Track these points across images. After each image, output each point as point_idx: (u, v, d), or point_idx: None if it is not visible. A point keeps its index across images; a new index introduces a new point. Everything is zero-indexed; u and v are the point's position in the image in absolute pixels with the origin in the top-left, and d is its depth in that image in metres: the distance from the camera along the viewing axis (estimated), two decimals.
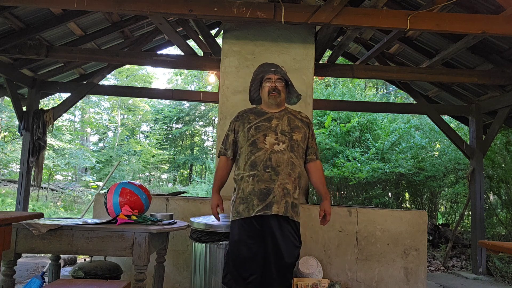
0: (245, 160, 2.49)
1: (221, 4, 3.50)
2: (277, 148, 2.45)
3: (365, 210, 3.83)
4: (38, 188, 11.33)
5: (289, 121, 2.55)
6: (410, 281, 3.69)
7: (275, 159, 2.43)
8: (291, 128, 2.53)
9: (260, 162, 2.43)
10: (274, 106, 2.59)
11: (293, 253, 2.41)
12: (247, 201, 2.45)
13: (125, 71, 18.84)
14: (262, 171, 2.42)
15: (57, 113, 5.96)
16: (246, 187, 2.47)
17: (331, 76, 6.28)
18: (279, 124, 2.52)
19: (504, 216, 6.76)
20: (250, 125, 2.54)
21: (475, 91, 5.95)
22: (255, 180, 2.43)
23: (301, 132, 2.55)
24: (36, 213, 2.00)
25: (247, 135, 2.52)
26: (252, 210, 2.42)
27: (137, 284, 2.36)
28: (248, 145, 2.49)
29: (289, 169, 2.44)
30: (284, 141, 2.47)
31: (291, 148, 2.48)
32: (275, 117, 2.55)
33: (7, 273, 2.35)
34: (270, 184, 2.41)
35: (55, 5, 3.96)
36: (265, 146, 2.45)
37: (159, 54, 5.52)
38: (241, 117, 2.63)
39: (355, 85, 11.69)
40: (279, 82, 2.56)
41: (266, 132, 2.49)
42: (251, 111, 2.64)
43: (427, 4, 3.76)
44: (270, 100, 2.56)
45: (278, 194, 2.41)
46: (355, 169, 7.54)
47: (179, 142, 22.25)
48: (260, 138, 2.48)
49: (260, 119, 2.55)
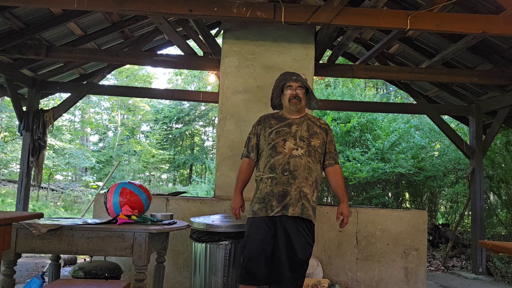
0: (265, 163, 2.62)
1: (221, 4, 3.50)
2: (296, 153, 2.56)
3: (365, 210, 3.83)
4: (38, 188, 11.33)
5: (308, 128, 2.66)
6: (410, 281, 3.69)
7: (293, 163, 2.54)
8: (310, 134, 2.64)
9: (278, 166, 2.55)
10: (294, 112, 2.71)
11: (307, 249, 2.51)
12: (264, 201, 2.55)
13: (125, 71, 18.84)
14: (280, 174, 2.53)
15: (57, 113, 5.96)
16: (264, 188, 2.58)
17: (331, 76, 6.29)
18: (298, 130, 2.64)
19: (504, 216, 6.76)
20: (271, 129, 2.67)
21: (475, 91, 5.95)
22: (274, 183, 2.54)
23: (319, 138, 2.66)
24: (36, 213, 2.00)
25: (268, 139, 2.64)
26: (270, 210, 2.52)
27: (137, 284, 2.36)
28: (269, 149, 2.62)
29: (306, 173, 2.55)
30: (303, 146, 2.58)
31: (308, 153, 2.59)
32: (295, 123, 2.67)
33: (7, 273, 2.35)
34: (287, 186, 2.52)
35: (55, 5, 3.96)
36: (284, 151, 2.57)
37: (159, 54, 5.52)
38: (263, 121, 2.76)
39: (355, 85, 11.70)
40: (299, 90, 2.68)
41: (286, 137, 2.61)
42: (272, 116, 2.76)
43: (427, 4, 3.76)
44: (291, 107, 2.68)
45: (295, 196, 2.51)
46: (355, 169, 7.54)
47: (179, 142, 22.25)
48: (280, 143, 2.59)
49: (280, 124, 2.67)
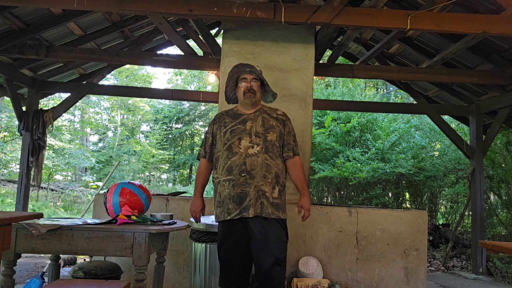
0: (222, 165, 2.55)
1: (221, 4, 3.50)
2: (251, 152, 2.50)
3: (365, 210, 3.83)
4: (38, 188, 11.32)
5: (264, 122, 2.60)
6: (410, 281, 3.69)
7: (249, 162, 2.48)
8: (265, 129, 2.57)
9: (235, 167, 2.49)
10: (249, 106, 2.64)
11: (281, 247, 2.45)
12: (222, 204, 2.51)
13: (125, 71, 18.83)
14: (237, 176, 2.47)
15: (57, 113, 5.96)
16: (222, 191, 2.52)
17: (331, 76, 6.29)
18: (253, 126, 2.57)
19: (504, 216, 6.75)
20: (226, 128, 2.60)
21: (475, 91, 5.94)
22: (231, 185, 2.48)
23: (276, 132, 2.59)
24: (36, 213, 2.00)
25: (223, 139, 2.58)
26: (227, 214, 2.47)
27: (137, 284, 2.35)
28: (225, 150, 2.55)
29: (264, 171, 2.49)
30: (259, 143, 2.52)
31: (265, 150, 2.52)
32: (249, 118, 2.60)
33: (7, 273, 2.35)
34: (246, 187, 2.46)
35: (55, 5, 3.96)
36: (239, 151, 2.51)
37: (159, 54, 5.52)
38: (218, 120, 2.69)
39: (355, 85, 11.68)
40: (254, 82, 2.61)
41: (241, 135, 2.54)
42: (227, 114, 2.70)
43: (427, 4, 3.76)
44: (245, 100, 2.61)
45: (254, 196, 2.45)
46: (355, 169, 7.53)
47: (179, 142, 22.25)
48: (235, 142, 2.53)
49: (235, 122, 2.61)
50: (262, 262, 2.41)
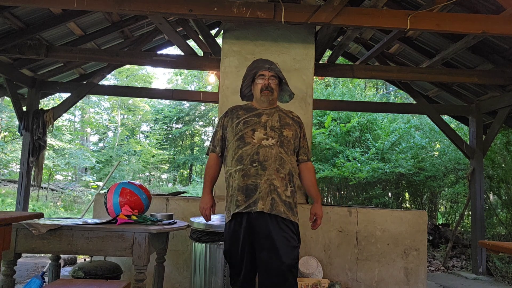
0: (232, 155, 2.38)
1: (221, 4, 3.50)
2: (266, 143, 2.33)
3: (365, 210, 3.83)
4: (38, 188, 11.33)
5: (280, 118, 2.46)
6: (410, 281, 3.69)
7: (262, 153, 2.30)
8: (282, 125, 2.43)
9: (247, 156, 2.31)
10: (265, 104, 2.49)
11: (292, 253, 2.23)
12: (232, 198, 2.34)
13: (125, 71, 18.84)
14: (248, 166, 2.30)
15: (57, 113, 5.96)
16: (234, 183, 2.35)
17: (331, 76, 6.28)
18: (269, 120, 2.42)
19: (504, 216, 6.75)
20: (238, 120, 2.44)
21: (475, 91, 5.94)
22: (241, 175, 2.30)
23: (292, 130, 2.45)
24: (36, 213, 2.00)
25: (235, 130, 2.41)
26: (236, 206, 2.29)
27: (137, 284, 2.36)
28: (236, 140, 2.38)
29: (277, 165, 2.31)
30: (274, 136, 2.36)
31: (280, 144, 2.36)
32: (265, 113, 2.46)
33: (7, 273, 2.35)
34: (256, 179, 2.28)
35: (55, 5, 3.96)
36: (253, 141, 2.34)
37: (159, 54, 5.52)
38: (230, 113, 2.53)
39: (355, 85, 11.68)
40: (272, 80, 2.47)
41: (255, 127, 2.38)
42: (241, 107, 2.54)
43: (427, 4, 3.76)
44: (262, 98, 2.46)
45: (264, 190, 2.26)
46: (355, 169, 7.53)
47: (179, 142, 22.24)
48: (248, 133, 2.36)
49: (249, 114, 2.45)
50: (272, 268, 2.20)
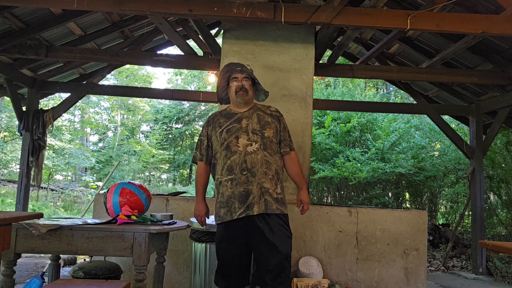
0: (222, 165, 2.54)
1: (221, 4, 3.50)
2: (250, 149, 2.49)
3: (365, 210, 3.82)
4: (38, 188, 11.32)
5: (259, 119, 2.60)
6: (410, 281, 3.69)
7: (250, 160, 2.47)
8: (262, 126, 2.57)
9: (236, 166, 2.48)
10: (242, 105, 2.64)
11: (287, 242, 2.46)
12: (228, 204, 2.49)
13: (125, 71, 18.83)
14: (239, 174, 2.47)
15: (57, 113, 5.96)
16: (225, 191, 2.51)
17: (331, 76, 6.28)
18: (249, 124, 2.57)
19: (504, 216, 6.76)
20: (221, 128, 2.59)
21: (475, 91, 5.94)
22: (234, 184, 2.48)
23: (272, 128, 2.60)
24: (36, 213, 2.00)
25: (219, 139, 2.57)
26: (234, 213, 2.45)
27: (137, 284, 2.36)
28: (223, 149, 2.55)
29: (265, 168, 2.49)
30: (257, 140, 2.52)
31: (264, 147, 2.52)
32: (244, 116, 2.60)
33: (7, 273, 2.35)
34: (248, 185, 2.46)
35: (55, 5, 3.96)
36: (238, 149, 2.50)
37: (159, 54, 5.52)
38: (212, 121, 2.69)
39: (355, 85, 11.68)
40: (245, 81, 2.62)
41: (238, 133, 2.54)
42: (220, 114, 2.69)
43: (427, 4, 3.76)
44: (238, 99, 2.61)
45: (257, 194, 2.45)
46: (355, 169, 7.53)
47: (179, 142, 22.24)
48: (233, 141, 2.53)
49: (230, 121, 2.60)
50: (271, 259, 2.40)
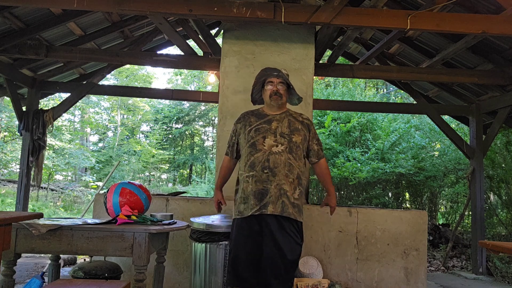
0: (245, 161, 2.60)
1: (221, 4, 3.50)
2: (275, 150, 2.53)
3: (365, 210, 3.83)
4: (38, 188, 11.32)
5: (289, 124, 2.64)
6: (410, 281, 3.69)
7: (272, 160, 2.51)
8: (291, 131, 2.62)
9: (258, 163, 2.53)
10: (275, 108, 2.69)
11: (295, 250, 2.48)
12: (247, 200, 2.53)
13: (125, 71, 18.82)
14: (260, 172, 2.51)
15: (57, 113, 5.96)
16: (246, 187, 2.55)
17: (331, 76, 6.28)
18: (279, 127, 2.61)
19: (504, 216, 6.75)
20: (250, 127, 2.64)
21: (475, 91, 5.94)
22: (254, 181, 2.52)
23: (301, 135, 2.64)
24: (36, 213, 2.00)
25: (247, 137, 2.62)
26: (249, 209, 2.50)
27: (137, 284, 2.35)
28: (248, 147, 2.60)
29: (287, 170, 2.52)
30: (283, 143, 2.56)
31: (289, 150, 2.56)
32: (275, 119, 2.65)
33: (7, 273, 2.34)
34: (267, 184, 2.49)
35: (55, 5, 3.96)
36: (263, 148, 2.55)
37: (159, 54, 5.52)
38: (243, 119, 2.74)
39: (355, 85, 11.68)
40: (280, 86, 2.66)
41: (266, 134, 2.58)
42: (252, 113, 2.74)
43: (427, 4, 3.76)
44: (272, 103, 2.66)
45: (274, 194, 2.48)
46: (355, 169, 7.53)
47: (179, 142, 22.23)
48: (259, 140, 2.57)
49: (260, 121, 2.65)
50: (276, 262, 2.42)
